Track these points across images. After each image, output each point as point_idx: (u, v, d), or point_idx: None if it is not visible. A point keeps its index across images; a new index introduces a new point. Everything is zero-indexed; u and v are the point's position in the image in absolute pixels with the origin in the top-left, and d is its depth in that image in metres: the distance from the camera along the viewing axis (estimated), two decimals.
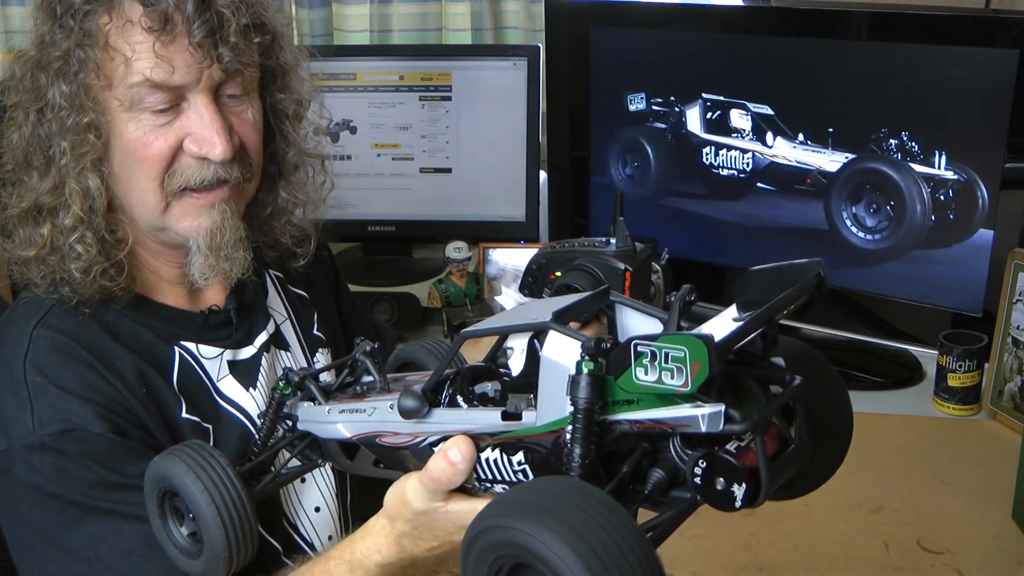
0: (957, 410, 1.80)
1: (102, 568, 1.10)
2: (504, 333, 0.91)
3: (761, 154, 1.91)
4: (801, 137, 1.86)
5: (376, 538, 1.01)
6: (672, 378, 0.72)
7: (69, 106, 1.13)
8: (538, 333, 0.86)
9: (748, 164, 1.93)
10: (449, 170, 2.30)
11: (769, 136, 1.89)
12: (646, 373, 0.73)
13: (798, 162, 1.88)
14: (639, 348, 0.73)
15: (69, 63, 1.12)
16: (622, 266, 1.04)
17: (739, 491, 0.76)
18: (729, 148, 1.94)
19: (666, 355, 0.72)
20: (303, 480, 1.29)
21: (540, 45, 2.23)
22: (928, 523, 1.52)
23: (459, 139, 2.27)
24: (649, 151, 2.04)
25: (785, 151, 1.88)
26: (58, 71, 1.13)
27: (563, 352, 0.81)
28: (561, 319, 0.85)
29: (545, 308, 0.87)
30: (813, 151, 1.86)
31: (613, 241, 1.03)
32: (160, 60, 1.11)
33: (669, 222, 2.05)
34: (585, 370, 0.78)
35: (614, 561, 0.67)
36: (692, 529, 1.49)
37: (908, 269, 1.83)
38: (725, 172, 1.96)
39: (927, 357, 1.91)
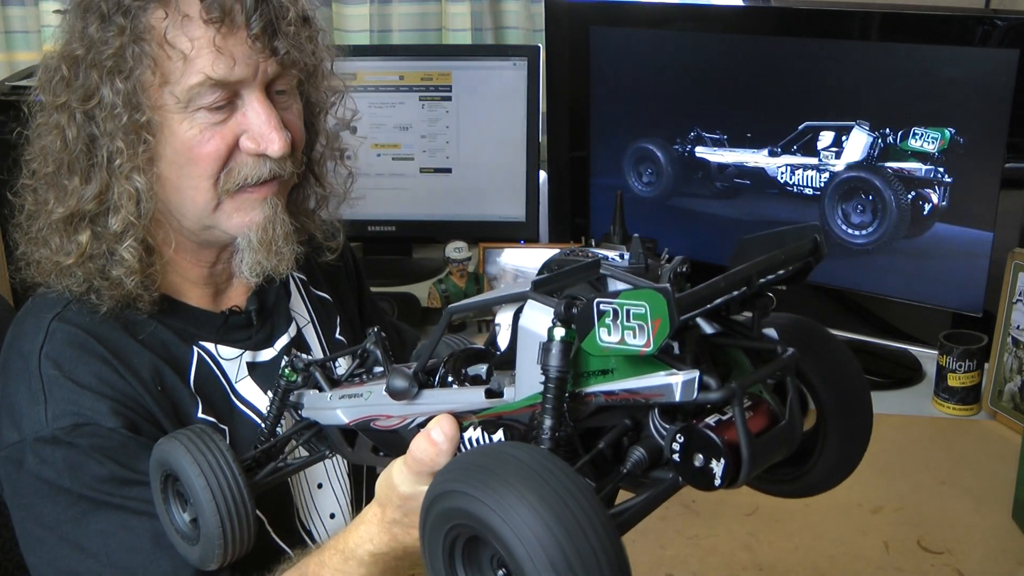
0: (957, 410, 1.80)
1: (110, 564, 1.09)
2: (487, 306, 0.88)
3: (756, 163, 1.91)
4: (795, 147, 1.86)
5: (368, 526, 1.00)
6: (634, 337, 0.68)
7: (124, 105, 1.10)
8: (524, 306, 0.81)
9: (749, 176, 1.93)
10: (449, 170, 2.30)
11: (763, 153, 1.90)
12: (609, 333, 0.69)
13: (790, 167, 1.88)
14: (601, 307, 0.70)
15: (124, 60, 1.10)
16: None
17: (717, 468, 0.72)
18: (730, 165, 1.94)
19: (627, 312, 0.68)
20: (320, 486, 1.28)
21: (540, 45, 2.24)
22: (928, 523, 1.52)
23: (459, 139, 2.27)
24: (657, 156, 2.04)
25: (786, 160, 1.89)
26: (111, 69, 1.10)
27: (538, 321, 0.77)
28: (541, 288, 0.80)
29: (530, 280, 0.83)
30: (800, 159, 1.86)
31: (627, 256, 1.00)
32: (220, 55, 1.09)
33: (669, 222, 2.05)
34: (556, 336, 0.74)
35: (571, 541, 0.63)
36: (692, 529, 1.50)
37: (908, 269, 1.83)
38: (727, 183, 1.96)
39: (927, 357, 1.91)
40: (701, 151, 1.98)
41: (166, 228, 1.20)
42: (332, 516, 1.29)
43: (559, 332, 0.74)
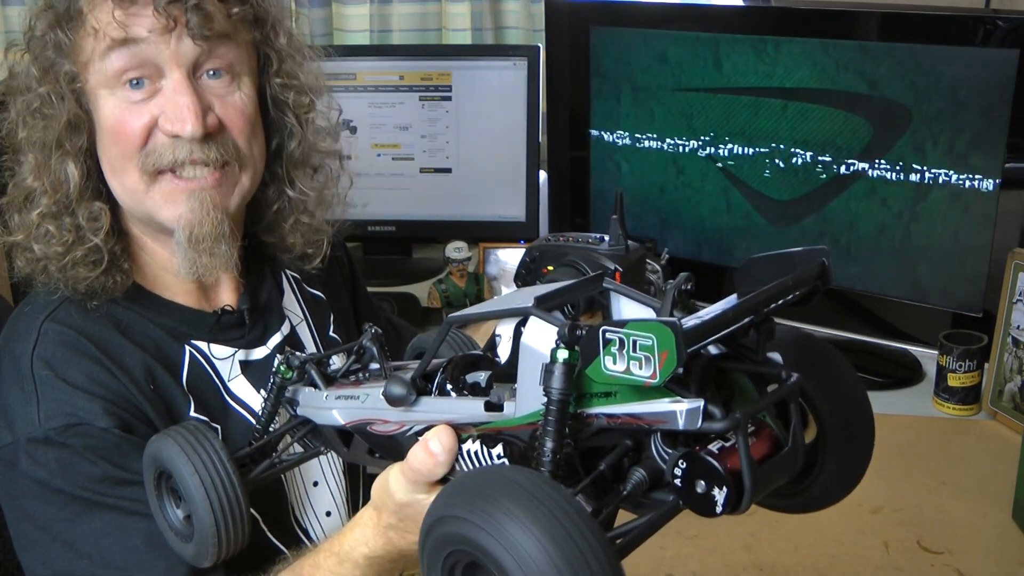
0: (957, 410, 1.80)
1: (104, 564, 1.09)
2: (488, 318, 0.88)
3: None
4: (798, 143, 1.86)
5: (363, 530, 1.00)
6: (640, 368, 0.68)
7: (37, 86, 1.14)
8: (524, 319, 0.81)
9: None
10: (449, 170, 2.30)
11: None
12: (615, 362, 0.69)
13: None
14: (607, 335, 0.69)
15: (44, 45, 1.14)
16: (612, 265, 1.02)
17: (720, 495, 0.72)
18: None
19: (634, 343, 0.68)
20: (315, 484, 1.28)
21: (540, 45, 2.24)
22: (928, 523, 1.52)
23: (459, 139, 2.28)
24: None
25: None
26: (36, 53, 1.14)
27: (541, 339, 0.77)
28: (543, 304, 0.80)
29: (532, 294, 0.83)
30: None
31: (607, 239, 1.01)
32: (118, 22, 1.10)
33: (670, 222, 2.05)
34: (559, 359, 0.73)
35: (572, 570, 0.63)
36: (692, 529, 1.50)
37: (908, 269, 1.83)
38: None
39: (927, 357, 1.91)
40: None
41: (117, 215, 1.21)
42: (328, 514, 1.29)
43: (562, 354, 0.73)
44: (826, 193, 1.86)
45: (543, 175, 2.29)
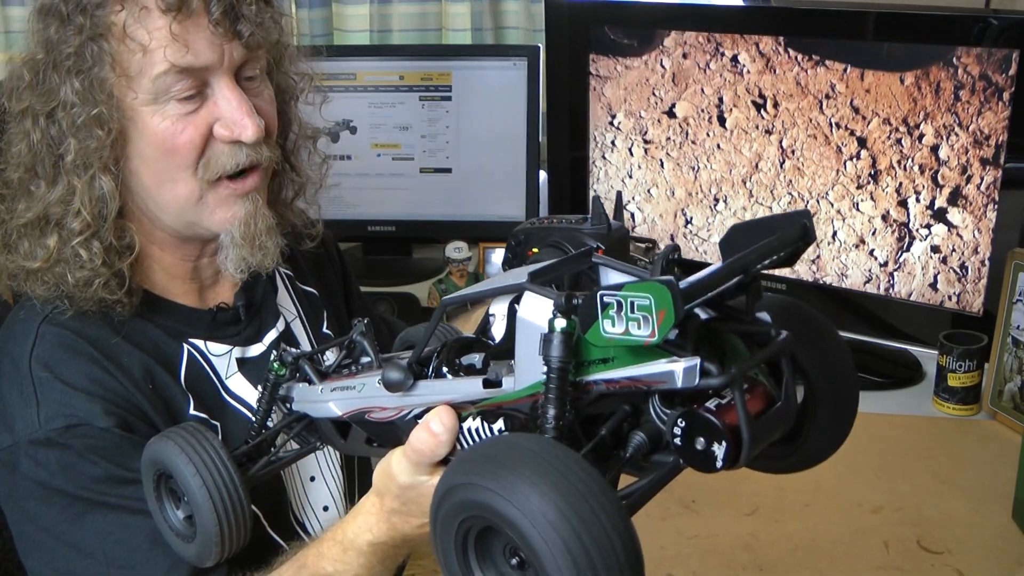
0: (957, 410, 1.80)
1: (107, 563, 1.10)
2: (483, 297, 0.89)
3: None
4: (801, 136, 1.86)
5: (366, 516, 1.00)
6: (639, 328, 0.70)
7: (81, 102, 1.11)
8: (518, 297, 0.83)
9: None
10: (449, 170, 2.30)
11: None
12: (613, 325, 0.71)
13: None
14: (605, 299, 0.71)
15: (83, 58, 1.10)
16: (594, 244, 1.04)
17: (719, 450, 0.74)
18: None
19: (632, 304, 0.70)
20: (312, 479, 1.29)
21: (540, 45, 2.24)
22: (928, 523, 1.52)
23: (459, 139, 2.28)
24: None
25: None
26: (70, 68, 1.11)
27: (537, 312, 0.79)
28: (537, 279, 0.82)
29: (525, 271, 0.85)
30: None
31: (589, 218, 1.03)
32: (178, 42, 1.09)
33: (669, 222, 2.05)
34: (557, 328, 0.75)
35: (584, 526, 0.65)
36: (692, 529, 1.50)
37: (907, 269, 1.83)
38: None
39: (927, 357, 1.91)
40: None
41: (148, 226, 1.20)
42: (325, 509, 1.30)
43: (560, 323, 0.75)
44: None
45: (543, 175, 2.29)
